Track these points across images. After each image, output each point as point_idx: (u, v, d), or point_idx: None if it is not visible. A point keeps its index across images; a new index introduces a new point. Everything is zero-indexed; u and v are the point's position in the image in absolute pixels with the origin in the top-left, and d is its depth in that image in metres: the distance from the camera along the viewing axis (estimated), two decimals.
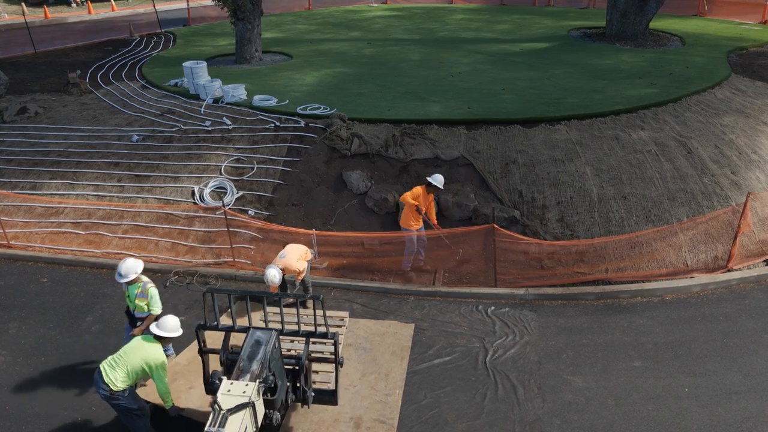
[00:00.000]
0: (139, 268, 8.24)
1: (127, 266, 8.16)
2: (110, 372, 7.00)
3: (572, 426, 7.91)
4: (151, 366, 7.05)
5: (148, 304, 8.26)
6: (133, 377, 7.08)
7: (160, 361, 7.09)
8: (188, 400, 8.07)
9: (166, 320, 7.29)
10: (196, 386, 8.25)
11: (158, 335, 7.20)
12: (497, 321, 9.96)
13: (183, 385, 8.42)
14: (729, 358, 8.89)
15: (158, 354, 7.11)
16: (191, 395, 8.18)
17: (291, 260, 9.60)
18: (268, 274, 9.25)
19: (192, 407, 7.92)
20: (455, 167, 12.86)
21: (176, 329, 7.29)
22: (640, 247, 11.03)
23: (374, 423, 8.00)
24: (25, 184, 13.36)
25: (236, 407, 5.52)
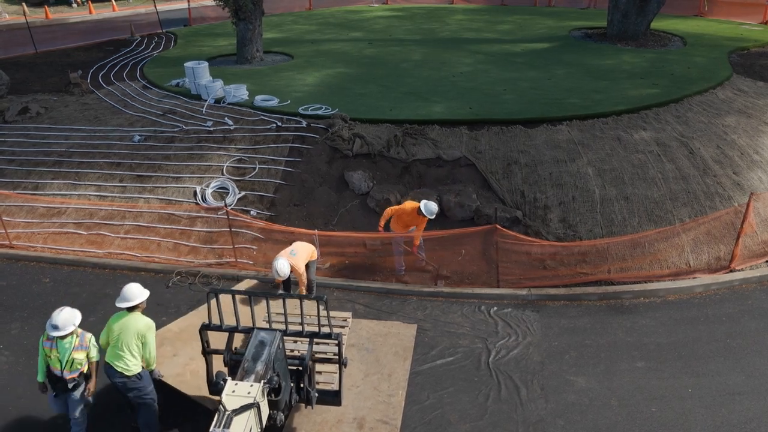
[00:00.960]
0: (77, 318, 7.01)
1: (64, 318, 6.90)
2: (119, 362, 7.09)
3: (576, 426, 7.90)
4: (144, 334, 7.15)
5: (88, 354, 7.16)
6: (138, 354, 7.16)
7: (150, 326, 7.22)
8: (170, 368, 8.06)
9: (129, 290, 7.21)
10: (180, 354, 8.33)
11: (131, 307, 7.17)
12: (500, 321, 9.96)
13: (168, 351, 8.43)
14: (732, 359, 8.88)
15: (144, 321, 7.20)
16: (174, 362, 8.21)
17: (300, 260, 9.59)
18: (278, 265, 9.22)
19: (173, 374, 7.92)
20: (457, 167, 12.87)
21: (142, 293, 7.25)
22: (642, 248, 11.02)
23: (377, 423, 7.98)
24: (27, 185, 13.36)
25: (241, 408, 5.52)
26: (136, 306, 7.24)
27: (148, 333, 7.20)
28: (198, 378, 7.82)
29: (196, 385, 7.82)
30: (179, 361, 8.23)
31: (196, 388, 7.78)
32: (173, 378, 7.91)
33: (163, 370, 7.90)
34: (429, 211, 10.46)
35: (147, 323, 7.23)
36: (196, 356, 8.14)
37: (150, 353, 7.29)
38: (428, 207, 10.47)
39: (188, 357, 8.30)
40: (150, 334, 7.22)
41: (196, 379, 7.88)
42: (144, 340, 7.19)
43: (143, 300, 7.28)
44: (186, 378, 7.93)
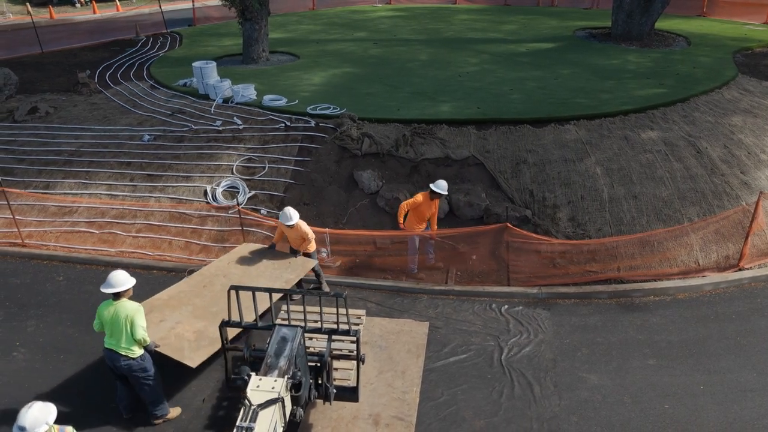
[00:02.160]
0: (51, 415, 5.62)
1: (33, 417, 5.50)
2: (121, 347, 7.39)
3: (589, 423, 7.98)
4: (132, 318, 7.34)
5: None
6: (134, 336, 7.37)
7: (137, 309, 7.40)
8: (156, 332, 8.19)
9: (116, 276, 7.40)
10: (167, 320, 8.52)
11: (117, 293, 7.37)
12: (511, 319, 10.03)
13: (156, 317, 8.57)
14: (743, 356, 8.96)
15: (131, 306, 7.39)
16: (160, 327, 8.35)
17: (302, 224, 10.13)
18: (290, 210, 9.94)
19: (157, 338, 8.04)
20: (465, 167, 12.94)
21: (128, 280, 7.45)
22: (651, 247, 11.11)
23: (393, 420, 8.06)
24: (38, 184, 13.43)
25: (266, 402, 5.59)
26: (123, 293, 7.42)
27: (136, 315, 7.38)
28: (182, 340, 8.07)
29: (179, 346, 8.00)
30: (165, 325, 8.41)
31: (179, 349, 7.96)
32: (158, 341, 8.05)
33: (152, 335, 7.99)
34: (440, 187, 10.67)
35: (134, 307, 7.42)
36: (182, 320, 8.49)
37: (138, 334, 7.42)
38: (438, 184, 10.71)
39: (174, 321, 8.50)
40: (138, 316, 7.39)
41: (180, 341, 8.06)
42: (134, 325, 7.37)
43: (129, 287, 7.47)
44: (171, 341, 8.09)
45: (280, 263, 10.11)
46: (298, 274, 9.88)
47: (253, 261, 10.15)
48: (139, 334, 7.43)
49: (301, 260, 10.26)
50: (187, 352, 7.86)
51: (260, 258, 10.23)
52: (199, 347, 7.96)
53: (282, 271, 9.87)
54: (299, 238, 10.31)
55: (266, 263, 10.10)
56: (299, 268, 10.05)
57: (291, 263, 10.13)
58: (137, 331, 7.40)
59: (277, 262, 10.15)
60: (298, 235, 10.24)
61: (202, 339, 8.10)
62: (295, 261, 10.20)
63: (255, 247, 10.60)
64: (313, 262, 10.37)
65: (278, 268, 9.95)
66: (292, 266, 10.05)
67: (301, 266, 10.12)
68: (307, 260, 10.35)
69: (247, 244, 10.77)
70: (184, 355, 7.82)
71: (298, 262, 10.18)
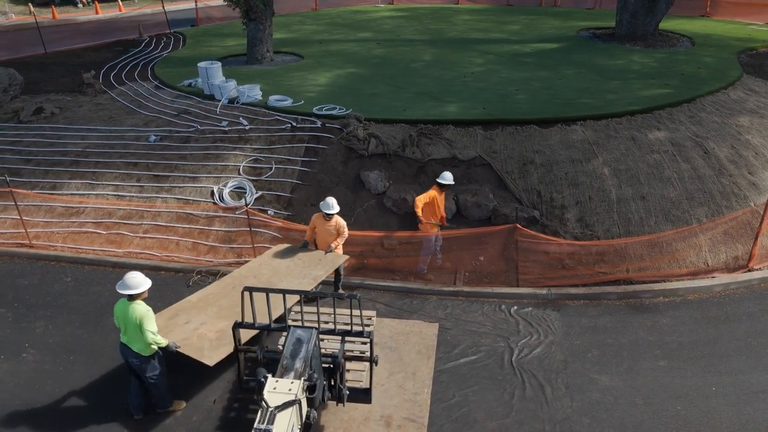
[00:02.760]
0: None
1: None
2: (134, 345, 7.57)
3: (602, 425, 7.97)
4: (141, 322, 7.39)
5: None
6: (144, 335, 7.45)
7: (145, 314, 7.42)
8: (180, 334, 8.22)
9: (132, 278, 7.47)
10: (192, 321, 8.55)
11: (132, 294, 7.43)
12: (521, 320, 10.03)
13: (182, 320, 8.61)
14: (754, 357, 8.96)
15: (140, 309, 7.43)
16: (185, 328, 8.36)
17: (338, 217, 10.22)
18: (331, 200, 10.04)
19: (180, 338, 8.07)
20: (472, 167, 12.92)
21: (143, 282, 7.50)
22: (660, 248, 11.10)
23: (404, 421, 8.06)
24: (44, 184, 13.41)
25: (284, 405, 5.58)
26: (137, 294, 7.47)
27: (145, 320, 7.42)
28: (203, 339, 8.10)
29: (199, 345, 8.02)
30: (189, 327, 8.43)
31: (199, 348, 7.98)
32: (180, 342, 8.06)
33: (173, 336, 8.07)
34: (445, 178, 11.03)
35: (143, 311, 7.45)
36: (207, 321, 8.50)
37: (148, 338, 7.49)
38: (444, 175, 11.08)
39: (199, 323, 8.52)
40: (146, 320, 7.43)
41: (201, 341, 8.09)
42: (141, 326, 7.43)
43: (144, 290, 7.51)
44: (192, 341, 8.12)
45: (310, 260, 10.07)
46: (327, 269, 9.84)
47: (283, 260, 10.14)
48: (149, 338, 7.48)
49: (331, 256, 10.19)
50: (206, 351, 7.86)
51: (291, 257, 10.22)
52: (219, 346, 7.95)
53: (311, 269, 9.83)
54: (333, 233, 10.24)
55: (296, 261, 10.08)
56: (329, 263, 10.01)
57: (321, 259, 10.09)
58: (147, 335, 7.46)
59: (307, 260, 10.12)
60: (334, 228, 10.20)
61: (223, 338, 8.08)
62: (325, 257, 10.15)
63: (287, 247, 10.60)
64: (343, 257, 10.33)
65: (307, 266, 9.92)
66: (322, 262, 10.01)
67: (331, 262, 10.06)
68: (338, 255, 10.29)
69: (281, 245, 10.75)
70: (203, 354, 7.83)
71: (328, 258, 10.13)
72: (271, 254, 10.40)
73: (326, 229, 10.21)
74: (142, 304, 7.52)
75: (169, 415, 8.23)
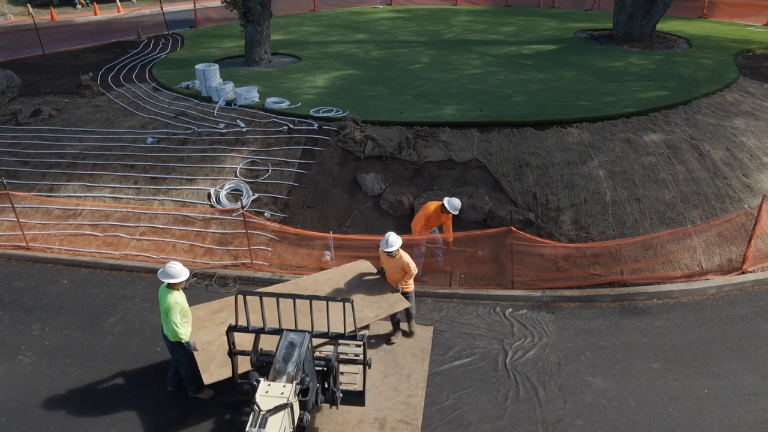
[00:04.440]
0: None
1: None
2: (163, 326, 7.95)
3: (595, 426, 8.02)
4: (166, 310, 7.76)
5: None
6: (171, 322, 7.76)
7: (171, 306, 7.74)
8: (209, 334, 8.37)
9: (171, 267, 7.84)
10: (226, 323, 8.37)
11: (171, 283, 7.82)
12: (515, 323, 10.07)
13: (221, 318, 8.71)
14: (747, 360, 9.00)
15: (170, 300, 7.75)
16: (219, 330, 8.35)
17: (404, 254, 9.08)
18: (392, 237, 8.93)
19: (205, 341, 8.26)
20: (468, 169, 12.96)
21: (180, 273, 7.83)
22: (654, 249, 11.14)
23: (398, 424, 8.10)
24: (42, 186, 13.45)
25: (275, 408, 5.62)
26: (176, 283, 7.84)
27: (171, 311, 7.74)
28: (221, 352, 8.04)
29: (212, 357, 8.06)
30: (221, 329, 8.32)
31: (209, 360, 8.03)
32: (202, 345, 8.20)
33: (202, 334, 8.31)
34: (453, 207, 10.66)
35: (171, 302, 7.76)
36: None
37: (169, 326, 7.80)
38: (452, 203, 10.68)
39: None
40: (171, 312, 7.73)
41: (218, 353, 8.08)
42: (167, 316, 7.78)
43: (181, 280, 7.84)
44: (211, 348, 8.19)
45: (371, 297, 9.01)
46: (378, 313, 8.71)
47: (349, 283, 9.32)
48: (169, 327, 7.81)
49: (393, 298, 8.99)
50: (213, 366, 7.84)
51: (357, 283, 9.31)
52: (225, 365, 7.81)
53: (364, 306, 8.76)
54: (399, 270, 9.09)
55: (358, 290, 9.14)
56: (384, 307, 8.84)
57: (382, 299, 8.95)
58: (169, 324, 7.80)
59: (369, 293, 9.08)
60: (398, 266, 9.04)
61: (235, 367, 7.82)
62: (384, 299, 8.96)
63: (364, 268, 9.69)
64: (405, 303, 9.05)
65: (364, 300, 8.90)
66: (379, 304, 8.88)
67: (388, 306, 8.86)
68: (400, 300, 9.00)
69: (362, 262, 9.91)
70: (208, 368, 7.83)
71: (388, 300, 8.94)
72: (344, 271, 9.67)
73: (390, 266, 9.10)
74: (174, 294, 7.81)
75: (163, 416, 8.29)
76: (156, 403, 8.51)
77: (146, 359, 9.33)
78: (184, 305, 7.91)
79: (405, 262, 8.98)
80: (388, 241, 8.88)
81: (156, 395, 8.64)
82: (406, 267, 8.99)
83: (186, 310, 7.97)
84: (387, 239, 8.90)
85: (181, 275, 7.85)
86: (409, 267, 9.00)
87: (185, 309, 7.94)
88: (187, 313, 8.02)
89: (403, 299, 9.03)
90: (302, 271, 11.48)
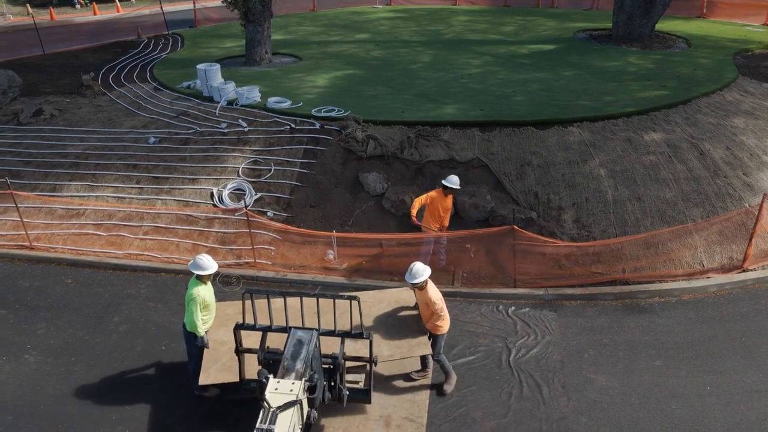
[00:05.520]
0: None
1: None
2: (185, 315, 8.12)
3: (598, 424, 8.07)
4: (188, 300, 7.97)
5: None
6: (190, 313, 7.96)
7: (191, 298, 7.93)
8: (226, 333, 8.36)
9: (200, 259, 8.08)
10: None
11: (199, 275, 8.05)
12: (518, 321, 10.13)
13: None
14: (749, 357, 9.07)
15: (193, 290, 7.96)
16: None
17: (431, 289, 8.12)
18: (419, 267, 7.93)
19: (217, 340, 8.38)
20: (470, 169, 13.01)
21: (206, 266, 8.04)
22: (656, 248, 11.21)
23: (403, 421, 8.15)
24: (44, 186, 13.48)
25: (285, 405, 5.67)
26: (202, 276, 8.06)
27: (190, 303, 7.95)
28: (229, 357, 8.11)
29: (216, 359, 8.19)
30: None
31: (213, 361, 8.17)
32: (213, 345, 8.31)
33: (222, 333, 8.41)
34: (452, 182, 10.70)
35: (191, 294, 7.96)
36: None
37: (187, 317, 8.02)
38: (450, 179, 10.74)
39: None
40: (190, 304, 7.94)
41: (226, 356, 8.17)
42: (187, 307, 8.00)
43: (208, 272, 8.05)
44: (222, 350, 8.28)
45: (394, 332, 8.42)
46: (392, 354, 8.09)
47: (381, 311, 8.82)
48: (188, 317, 8.03)
49: (416, 341, 8.26)
50: (213, 369, 7.96)
51: (390, 312, 8.79)
52: (226, 370, 7.93)
53: (383, 342, 8.24)
54: (424, 305, 8.16)
55: (386, 321, 8.65)
56: (404, 348, 8.21)
57: (404, 339, 8.32)
58: (187, 315, 8.03)
59: (394, 328, 8.50)
60: (424, 300, 8.10)
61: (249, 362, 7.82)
62: (410, 339, 8.30)
63: (404, 299, 9.03)
64: (426, 349, 8.23)
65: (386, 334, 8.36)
66: (399, 343, 8.27)
67: (408, 349, 8.20)
68: (423, 345, 8.21)
69: (404, 290, 9.19)
70: (207, 368, 7.95)
71: (411, 342, 8.26)
72: (381, 296, 9.23)
73: (420, 300, 8.22)
74: (200, 287, 8.01)
75: (169, 414, 8.33)
76: (162, 402, 8.56)
77: (151, 358, 9.37)
78: (207, 299, 8.08)
79: (429, 298, 8.01)
80: (412, 271, 7.88)
81: (162, 394, 8.69)
82: (430, 303, 8.02)
83: (209, 304, 8.14)
84: (411, 269, 7.90)
85: (209, 268, 8.05)
86: (434, 304, 8.01)
87: (207, 302, 8.10)
88: (210, 308, 8.20)
89: (426, 345, 8.20)
90: (306, 270, 11.54)
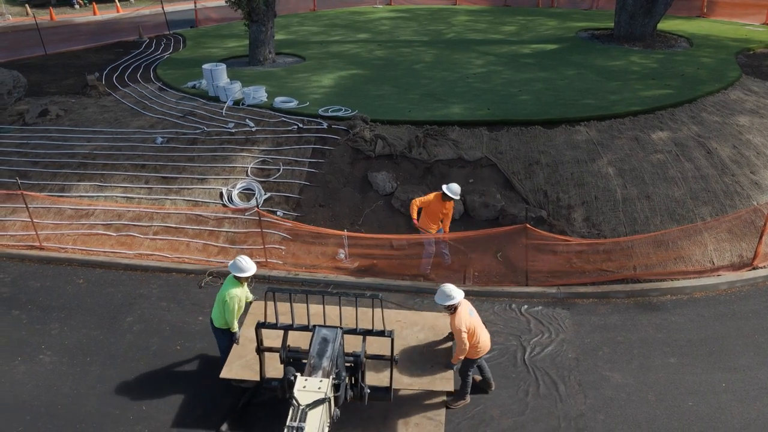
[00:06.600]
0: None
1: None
2: (213, 311, 8.45)
3: (616, 421, 8.12)
4: (222, 299, 8.19)
5: None
6: (220, 312, 8.28)
7: (227, 297, 8.15)
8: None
9: (239, 260, 8.25)
10: None
11: (237, 276, 8.24)
12: (532, 319, 10.17)
13: None
14: (762, 354, 9.13)
15: (226, 291, 8.18)
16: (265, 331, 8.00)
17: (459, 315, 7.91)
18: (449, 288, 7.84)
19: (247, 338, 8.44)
20: (478, 168, 13.05)
21: (244, 268, 8.21)
22: (666, 246, 11.27)
23: (422, 420, 8.16)
24: (53, 187, 13.45)
25: (314, 402, 5.69)
26: (240, 277, 8.24)
27: (225, 303, 8.19)
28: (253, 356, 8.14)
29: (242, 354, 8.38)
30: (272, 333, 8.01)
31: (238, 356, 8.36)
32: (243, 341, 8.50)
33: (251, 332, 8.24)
34: (452, 191, 10.64)
35: (226, 294, 8.16)
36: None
37: (227, 317, 8.27)
38: (451, 188, 10.66)
39: None
40: (226, 304, 8.16)
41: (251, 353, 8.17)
42: (222, 302, 8.23)
43: (247, 275, 8.23)
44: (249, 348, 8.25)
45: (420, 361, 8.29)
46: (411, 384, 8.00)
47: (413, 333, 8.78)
48: (226, 317, 8.26)
49: (440, 375, 8.06)
50: (235, 365, 8.11)
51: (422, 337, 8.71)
52: (247, 367, 8.08)
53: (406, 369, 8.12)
54: (452, 331, 8.09)
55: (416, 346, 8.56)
56: (425, 380, 8.02)
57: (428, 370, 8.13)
58: (221, 312, 8.28)
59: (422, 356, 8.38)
60: (451, 330, 8.03)
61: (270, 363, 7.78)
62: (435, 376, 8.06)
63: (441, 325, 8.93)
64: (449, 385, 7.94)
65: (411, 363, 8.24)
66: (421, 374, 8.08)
67: (428, 381, 8.00)
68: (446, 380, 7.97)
69: (443, 316, 8.94)
70: (233, 363, 8.11)
71: (434, 376, 8.05)
72: (416, 318, 9.21)
73: (450, 324, 8.04)
74: (236, 289, 8.21)
75: (189, 413, 8.35)
76: (180, 401, 8.57)
77: (167, 358, 9.38)
78: (242, 301, 8.36)
79: (455, 325, 7.76)
80: (444, 293, 7.70)
81: (179, 393, 8.70)
82: (454, 331, 7.82)
83: (242, 306, 8.43)
84: (444, 291, 7.73)
85: (248, 270, 8.22)
86: (458, 333, 7.72)
87: (242, 305, 8.39)
88: (241, 308, 8.44)
89: (449, 381, 7.94)
90: (317, 270, 11.55)
